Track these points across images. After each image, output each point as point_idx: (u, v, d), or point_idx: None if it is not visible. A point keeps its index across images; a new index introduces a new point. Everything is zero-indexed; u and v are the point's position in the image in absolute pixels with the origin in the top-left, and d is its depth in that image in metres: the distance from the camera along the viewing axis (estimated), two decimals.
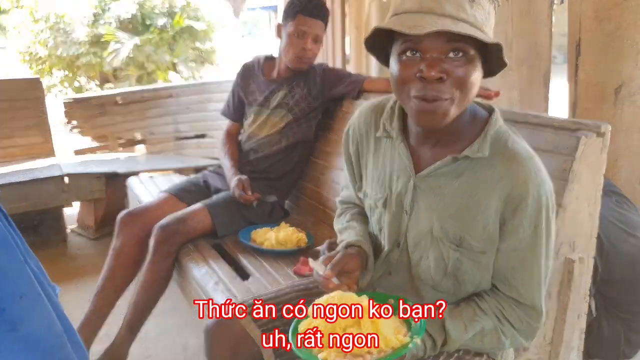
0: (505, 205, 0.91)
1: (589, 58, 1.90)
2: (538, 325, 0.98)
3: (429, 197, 0.98)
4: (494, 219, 0.92)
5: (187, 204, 1.94)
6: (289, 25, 1.90)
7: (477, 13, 0.83)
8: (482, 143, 0.92)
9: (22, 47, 7.44)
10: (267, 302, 1.13)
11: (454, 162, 0.94)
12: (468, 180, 0.94)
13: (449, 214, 0.95)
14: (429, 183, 0.98)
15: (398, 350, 0.86)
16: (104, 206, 2.98)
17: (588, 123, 1.17)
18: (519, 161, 0.90)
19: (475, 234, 0.94)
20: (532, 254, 0.93)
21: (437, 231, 0.96)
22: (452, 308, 0.98)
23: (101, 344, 1.84)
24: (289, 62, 1.96)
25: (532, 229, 0.91)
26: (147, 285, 1.74)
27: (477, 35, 0.81)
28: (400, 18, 0.85)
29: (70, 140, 3.53)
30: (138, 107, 3.42)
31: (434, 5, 0.82)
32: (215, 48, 8.07)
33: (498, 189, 0.91)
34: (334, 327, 0.89)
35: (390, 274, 1.07)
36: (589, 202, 1.20)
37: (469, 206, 0.93)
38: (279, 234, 1.78)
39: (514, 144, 0.93)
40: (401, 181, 1.01)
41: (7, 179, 2.62)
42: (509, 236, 0.93)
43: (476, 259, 0.95)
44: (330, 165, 2.05)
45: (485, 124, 0.95)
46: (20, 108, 3.20)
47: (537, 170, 0.91)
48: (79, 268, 2.67)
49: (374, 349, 0.86)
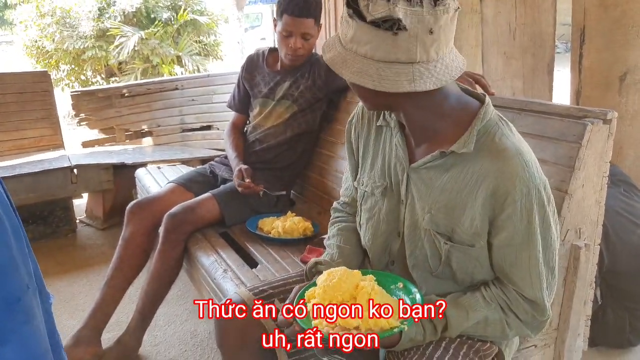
0: (493, 201, 0.91)
1: (594, 45, 1.90)
2: (543, 319, 0.99)
3: (421, 189, 0.99)
4: (481, 213, 0.93)
5: (194, 194, 1.97)
6: (279, 24, 1.90)
7: (402, 43, 0.82)
8: (467, 138, 0.92)
9: (29, 42, 7.47)
10: (276, 288, 1.14)
11: (442, 157, 0.95)
12: (456, 175, 0.94)
13: (438, 207, 0.96)
14: (421, 175, 0.99)
15: (384, 331, 0.89)
16: (112, 197, 3.01)
17: (594, 110, 1.17)
18: (505, 157, 0.90)
19: (464, 228, 0.94)
20: (528, 250, 0.93)
21: (427, 223, 0.97)
22: (456, 296, 0.99)
23: (112, 331, 1.87)
24: (283, 58, 1.98)
25: (524, 225, 0.91)
26: (158, 274, 1.76)
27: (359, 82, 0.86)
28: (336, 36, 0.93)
29: (77, 132, 3.56)
30: (144, 100, 3.44)
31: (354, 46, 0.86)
32: (219, 41, 8.07)
33: (485, 184, 0.91)
34: (332, 297, 0.93)
35: (393, 264, 1.09)
36: (595, 189, 1.21)
37: (457, 200, 0.94)
38: (286, 223, 1.80)
39: (502, 138, 0.92)
40: (398, 171, 1.03)
41: (17, 170, 2.65)
42: (500, 232, 0.93)
43: (466, 252, 0.96)
44: (335, 155, 2.06)
45: (474, 118, 0.94)
46: (29, 101, 3.22)
47: (525, 165, 0.90)
48: (88, 258, 2.71)
49: (362, 326, 0.89)
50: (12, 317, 0.76)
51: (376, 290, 0.93)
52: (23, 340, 0.78)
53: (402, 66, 0.83)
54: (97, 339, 1.77)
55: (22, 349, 0.77)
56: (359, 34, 0.84)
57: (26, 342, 0.78)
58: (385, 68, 0.83)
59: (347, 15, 0.86)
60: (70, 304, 2.25)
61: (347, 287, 0.93)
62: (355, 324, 0.89)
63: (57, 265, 2.60)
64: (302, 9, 1.83)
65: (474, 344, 1.01)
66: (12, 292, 0.77)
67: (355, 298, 0.93)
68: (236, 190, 1.92)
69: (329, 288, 0.93)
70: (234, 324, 1.09)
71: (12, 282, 0.78)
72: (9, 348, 0.76)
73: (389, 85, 0.84)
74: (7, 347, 0.75)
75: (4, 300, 0.76)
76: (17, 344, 0.77)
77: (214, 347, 1.93)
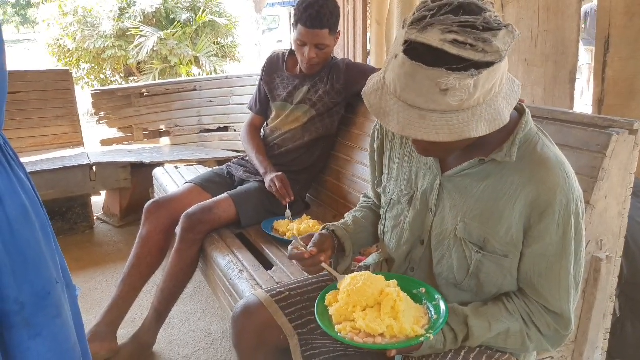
0: (531, 211, 0.90)
1: (619, 54, 1.87)
2: (566, 333, 0.97)
3: (455, 197, 0.98)
4: (518, 223, 0.92)
5: (211, 194, 1.98)
6: (294, 32, 1.91)
7: (452, 99, 0.77)
8: (510, 147, 0.91)
9: (51, 40, 7.61)
10: (293, 291, 1.15)
11: (480, 164, 0.94)
12: (494, 184, 0.93)
13: (473, 216, 0.95)
14: (455, 183, 0.98)
15: (409, 340, 0.88)
16: (129, 195, 3.05)
17: (620, 120, 1.16)
18: (548, 167, 0.89)
19: (499, 237, 0.93)
20: (560, 261, 0.92)
21: (460, 232, 0.96)
22: (477, 305, 0.98)
23: (127, 328, 1.89)
24: (300, 65, 1.98)
25: (559, 237, 0.90)
26: (174, 273, 1.78)
27: (438, 139, 0.79)
28: (382, 89, 0.84)
29: (96, 130, 3.61)
30: (163, 100, 3.48)
31: (404, 95, 0.80)
32: (236, 43, 8.13)
33: (525, 193, 0.90)
34: (356, 303, 0.92)
35: (413, 271, 1.08)
36: (618, 201, 1.19)
37: (494, 209, 0.93)
38: (301, 226, 1.80)
39: (544, 149, 0.91)
40: (427, 179, 1.02)
41: (38, 167, 2.70)
42: (535, 242, 0.92)
43: (499, 262, 0.95)
44: (352, 159, 2.06)
45: (515, 126, 0.93)
46: (50, 99, 3.28)
47: (566, 176, 0.89)
48: (105, 255, 2.74)
49: (387, 333, 0.89)
50: (43, 311, 0.78)
51: (401, 297, 0.93)
52: (54, 333, 0.79)
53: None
54: (113, 334, 1.80)
55: (52, 343, 0.79)
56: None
57: (56, 336, 0.80)
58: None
59: None
60: (87, 300, 2.28)
61: (372, 292, 0.93)
62: (381, 331, 0.88)
63: (74, 261, 2.63)
64: (315, 20, 1.82)
65: (493, 354, 1.00)
66: (43, 286, 0.79)
67: (380, 304, 0.92)
68: (253, 192, 1.93)
69: (353, 293, 0.93)
70: (251, 324, 1.10)
71: (42, 277, 0.80)
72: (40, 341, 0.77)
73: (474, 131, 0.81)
74: (38, 340, 0.77)
75: (36, 295, 0.77)
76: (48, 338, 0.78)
77: (227, 347, 1.94)
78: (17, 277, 0.78)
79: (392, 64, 0.82)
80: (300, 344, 1.09)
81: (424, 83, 0.77)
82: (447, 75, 0.75)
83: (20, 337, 0.78)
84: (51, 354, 0.80)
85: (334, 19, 1.88)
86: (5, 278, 0.77)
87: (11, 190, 0.79)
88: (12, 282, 0.78)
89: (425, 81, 0.77)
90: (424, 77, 0.77)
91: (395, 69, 0.81)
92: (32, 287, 0.80)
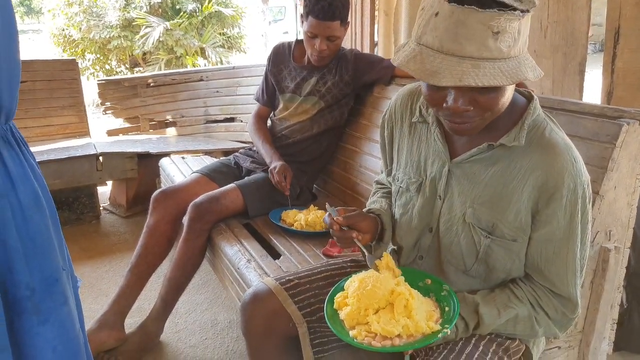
0: (539, 195, 0.91)
1: (629, 46, 1.85)
2: (573, 317, 0.98)
3: (463, 183, 0.98)
4: (526, 207, 0.92)
5: (218, 184, 1.99)
6: (305, 23, 1.89)
7: (502, 44, 0.79)
8: (518, 132, 0.92)
9: (56, 30, 7.62)
10: (302, 279, 1.15)
11: (489, 150, 0.95)
12: (503, 168, 0.94)
13: (482, 201, 0.96)
14: (464, 169, 0.98)
15: (427, 337, 0.88)
16: (135, 185, 3.06)
17: (630, 110, 1.15)
18: (556, 151, 0.90)
19: (508, 222, 0.94)
20: (567, 246, 0.93)
21: (469, 217, 0.97)
22: (486, 293, 0.99)
23: (134, 317, 1.91)
24: (309, 57, 1.97)
25: (567, 221, 0.91)
26: (181, 262, 1.79)
27: (497, 83, 0.79)
28: (422, 53, 0.82)
29: (102, 120, 3.61)
30: (169, 90, 3.48)
31: (454, 47, 0.79)
32: (242, 34, 8.11)
33: (533, 178, 0.91)
34: (367, 306, 0.91)
35: (422, 259, 1.09)
36: (627, 191, 1.18)
37: (503, 194, 0.94)
38: (309, 216, 1.81)
39: (552, 134, 0.92)
40: (436, 166, 1.02)
41: (44, 156, 2.70)
42: (542, 226, 0.92)
43: (507, 247, 0.96)
44: (360, 150, 2.06)
45: (523, 112, 0.94)
46: (56, 88, 3.29)
47: (574, 161, 0.90)
48: (111, 244, 2.76)
49: (403, 333, 0.88)
50: (51, 297, 0.79)
51: (412, 294, 0.92)
52: (60, 320, 0.80)
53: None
54: (120, 323, 1.81)
55: (59, 329, 0.80)
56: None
57: (63, 323, 0.80)
58: None
59: None
60: (94, 289, 2.30)
61: (382, 294, 0.92)
62: (397, 332, 0.88)
63: (81, 251, 2.66)
64: (327, 12, 1.81)
65: (504, 341, 1.01)
66: (52, 273, 0.80)
67: (392, 303, 0.91)
68: (260, 182, 1.93)
69: (364, 296, 0.91)
70: (260, 312, 1.11)
71: (51, 263, 0.80)
72: (49, 327, 0.78)
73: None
74: (46, 326, 0.78)
75: (45, 281, 0.78)
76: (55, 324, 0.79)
77: (234, 336, 1.96)
78: (28, 262, 0.79)
79: (431, 24, 0.81)
80: (309, 331, 1.10)
81: (477, 27, 0.78)
82: (498, 16, 0.77)
83: (30, 322, 0.79)
84: (58, 340, 0.81)
85: (345, 11, 1.88)
86: (18, 264, 0.78)
87: (24, 176, 0.79)
88: (25, 268, 0.78)
89: (478, 25, 0.78)
90: (476, 20, 0.78)
91: (440, 25, 0.80)
92: (41, 273, 0.80)
